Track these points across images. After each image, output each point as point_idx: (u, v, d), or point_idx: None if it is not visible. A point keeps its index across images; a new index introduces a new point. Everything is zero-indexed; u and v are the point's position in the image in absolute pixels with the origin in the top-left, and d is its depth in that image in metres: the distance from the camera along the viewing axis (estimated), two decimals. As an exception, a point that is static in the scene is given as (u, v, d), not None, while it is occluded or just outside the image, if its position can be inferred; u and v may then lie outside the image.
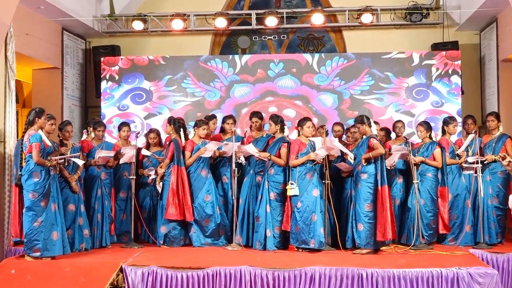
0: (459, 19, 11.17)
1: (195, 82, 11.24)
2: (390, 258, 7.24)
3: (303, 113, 10.56)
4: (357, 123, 7.77)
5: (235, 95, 11.18)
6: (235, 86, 11.19)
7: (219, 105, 11.15)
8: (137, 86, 11.35)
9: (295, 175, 7.70)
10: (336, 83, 11.04)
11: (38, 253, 6.93)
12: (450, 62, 10.80)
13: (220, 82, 11.20)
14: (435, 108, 10.82)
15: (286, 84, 11.14)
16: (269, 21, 11.43)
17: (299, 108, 11.06)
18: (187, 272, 6.53)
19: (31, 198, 6.90)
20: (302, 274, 6.44)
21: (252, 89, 11.16)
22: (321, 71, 11.07)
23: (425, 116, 10.69)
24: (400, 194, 8.45)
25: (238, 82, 11.21)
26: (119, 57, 11.38)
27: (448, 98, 10.77)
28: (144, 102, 11.33)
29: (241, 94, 11.18)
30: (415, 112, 10.89)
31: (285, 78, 11.15)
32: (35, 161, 6.94)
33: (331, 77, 11.03)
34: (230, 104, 11.17)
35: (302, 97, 11.10)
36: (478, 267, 6.41)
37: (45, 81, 11.16)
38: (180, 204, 8.10)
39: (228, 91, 11.19)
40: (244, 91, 11.18)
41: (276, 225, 7.90)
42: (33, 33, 9.98)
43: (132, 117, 11.28)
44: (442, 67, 10.82)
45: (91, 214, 8.10)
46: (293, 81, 11.12)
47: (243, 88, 11.19)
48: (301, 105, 11.08)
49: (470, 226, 8.25)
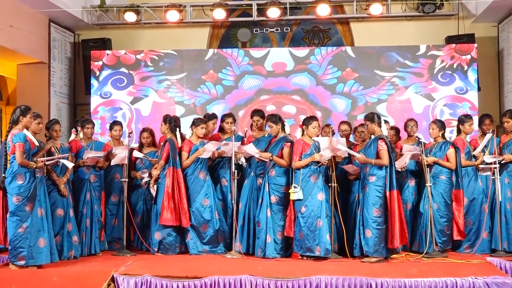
0: (475, 10, 11.17)
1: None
2: (401, 266, 7.22)
3: (302, 107, 10.73)
4: (366, 120, 7.76)
5: (243, 87, 11.31)
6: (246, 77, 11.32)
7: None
8: (116, 71, 11.42)
9: (298, 177, 7.68)
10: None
11: (23, 262, 6.91)
12: (458, 56, 10.80)
13: (232, 71, 11.31)
14: (458, 95, 10.84)
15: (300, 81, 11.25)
16: (271, 12, 11.43)
17: (297, 103, 11.18)
18: (183, 281, 6.51)
19: (15, 202, 6.89)
20: (307, 283, 6.42)
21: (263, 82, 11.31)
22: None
23: (445, 102, 10.74)
24: (412, 198, 8.44)
25: (250, 73, 11.33)
26: (105, 51, 11.39)
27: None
28: (127, 87, 11.41)
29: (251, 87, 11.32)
30: (435, 96, 10.91)
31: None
32: (19, 163, 6.92)
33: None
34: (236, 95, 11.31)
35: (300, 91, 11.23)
36: (495, 276, 6.39)
37: (31, 77, 11.17)
38: (176, 208, 8.09)
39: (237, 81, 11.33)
40: (255, 83, 11.33)
41: (278, 231, 7.89)
42: (18, 25, 9.99)
43: (118, 104, 11.36)
44: (447, 60, 10.83)
45: (79, 220, 8.09)
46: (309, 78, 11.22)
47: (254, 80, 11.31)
48: (300, 99, 11.15)
49: (487, 233, 8.24)
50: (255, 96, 11.24)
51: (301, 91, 11.18)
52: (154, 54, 11.38)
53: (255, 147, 8.14)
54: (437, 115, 10.76)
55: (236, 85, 11.26)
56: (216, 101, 11.28)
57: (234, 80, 11.28)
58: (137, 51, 11.47)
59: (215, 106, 11.21)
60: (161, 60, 11.34)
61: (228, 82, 11.29)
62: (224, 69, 11.27)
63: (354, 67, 11.11)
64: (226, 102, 11.25)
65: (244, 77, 11.26)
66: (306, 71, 11.18)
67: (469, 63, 10.83)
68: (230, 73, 11.28)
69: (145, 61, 11.35)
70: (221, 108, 11.13)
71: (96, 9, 11.77)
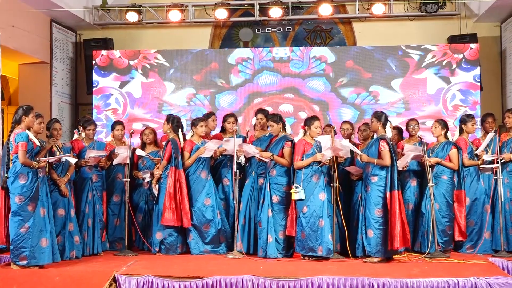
0: (478, 10, 11.16)
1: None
2: (403, 267, 7.23)
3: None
4: (374, 116, 7.75)
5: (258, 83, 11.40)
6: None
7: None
8: (106, 72, 11.50)
9: (300, 177, 7.69)
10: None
11: (25, 261, 6.91)
12: (450, 53, 10.83)
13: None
14: (475, 83, 10.88)
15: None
16: (273, 12, 11.43)
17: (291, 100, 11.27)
18: (184, 282, 6.51)
19: (18, 202, 6.90)
20: (309, 284, 6.42)
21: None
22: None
23: (459, 87, 10.80)
24: (414, 198, 8.44)
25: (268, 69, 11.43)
26: (100, 52, 11.41)
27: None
28: (110, 73, 11.50)
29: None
30: (453, 80, 10.94)
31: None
32: (21, 162, 6.93)
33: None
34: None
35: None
36: (498, 276, 6.38)
37: (33, 77, 11.19)
38: (177, 209, 8.10)
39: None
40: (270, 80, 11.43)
41: (279, 230, 7.90)
42: (19, 25, 10.00)
43: (107, 90, 11.44)
44: (438, 56, 10.84)
45: (81, 219, 8.10)
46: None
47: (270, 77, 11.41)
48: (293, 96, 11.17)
49: (489, 233, 8.24)
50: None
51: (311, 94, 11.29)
52: (148, 61, 11.39)
53: (257, 147, 8.15)
54: (448, 99, 10.78)
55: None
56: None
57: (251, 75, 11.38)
58: (135, 53, 11.47)
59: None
60: (153, 69, 11.41)
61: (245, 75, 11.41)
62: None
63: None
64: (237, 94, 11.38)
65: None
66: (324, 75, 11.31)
67: (459, 63, 10.84)
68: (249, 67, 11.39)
69: (136, 68, 11.37)
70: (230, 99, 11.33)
71: (98, 9, 11.78)
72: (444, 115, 10.65)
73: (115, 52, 11.46)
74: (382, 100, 11.10)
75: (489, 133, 8.34)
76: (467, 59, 10.81)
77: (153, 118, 11.38)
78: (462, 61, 10.83)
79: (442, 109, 10.87)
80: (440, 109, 10.88)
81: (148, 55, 11.42)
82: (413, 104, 11.02)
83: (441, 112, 10.81)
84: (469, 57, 10.81)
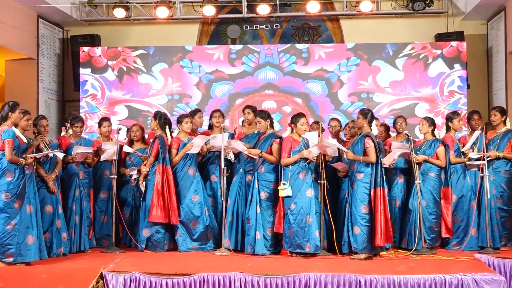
0: (464, 8, 11.22)
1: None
2: (390, 263, 7.26)
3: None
4: (360, 113, 7.77)
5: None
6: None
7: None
8: (83, 68, 11.42)
9: (287, 174, 7.70)
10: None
11: (11, 259, 6.88)
12: (429, 48, 10.91)
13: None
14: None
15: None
16: (261, 9, 11.43)
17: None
18: (172, 279, 6.52)
19: (4, 199, 6.85)
20: (296, 280, 6.45)
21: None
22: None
23: (459, 74, 10.84)
24: (401, 195, 8.48)
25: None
26: (82, 48, 11.35)
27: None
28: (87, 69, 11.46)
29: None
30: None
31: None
32: (8, 159, 6.89)
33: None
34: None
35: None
36: (484, 273, 6.43)
37: (19, 73, 11.13)
38: (165, 206, 8.09)
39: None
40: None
41: (268, 227, 7.91)
42: (6, 20, 9.94)
43: (82, 78, 11.33)
44: (416, 50, 10.93)
45: (68, 216, 8.07)
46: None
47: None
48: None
49: (475, 230, 8.29)
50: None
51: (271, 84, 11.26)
52: (126, 64, 11.29)
53: (245, 144, 8.15)
54: (446, 83, 10.85)
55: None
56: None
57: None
58: (116, 54, 11.33)
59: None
60: (129, 73, 11.31)
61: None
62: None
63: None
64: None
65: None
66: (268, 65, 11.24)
67: (435, 58, 10.88)
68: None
69: (113, 69, 11.28)
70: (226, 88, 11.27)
71: (85, 5, 11.72)
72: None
73: (97, 49, 11.35)
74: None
75: (476, 131, 8.39)
76: (445, 56, 10.86)
77: (134, 98, 11.28)
78: (439, 56, 10.88)
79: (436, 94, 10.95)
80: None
81: (128, 58, 11.31)
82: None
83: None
84: (448, 55, 10.87)
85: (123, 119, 11.11)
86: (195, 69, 11.20)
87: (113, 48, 11.41)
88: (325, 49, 11.14)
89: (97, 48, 11.37)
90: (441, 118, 10.36)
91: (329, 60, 11.08)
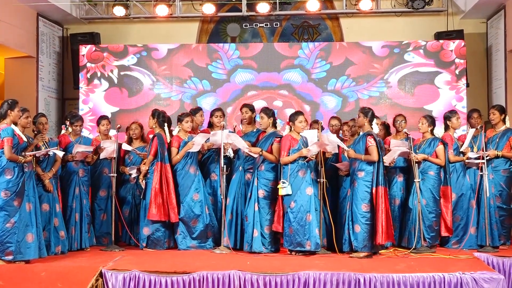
0: (464, 6, 11.21)
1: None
2: (390, 262, 7.25)
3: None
4: (361, 111, 7.77)
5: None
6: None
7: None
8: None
9: (286, 173, 7.70)
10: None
11: (10, 257, 6.88)
12: (414, 41, 10.94)
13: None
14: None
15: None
16: (261, 7, 11.41)
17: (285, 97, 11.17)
18: (171, 277, 6.52)
19: (3, 197, 6.85)
20: (295, 279, 6.45)
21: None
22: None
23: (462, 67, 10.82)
24: (401, 194, 8.48)
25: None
26: (82, 46, 11.32)
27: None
28: None
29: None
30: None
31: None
32: (7, 157, 6.89)
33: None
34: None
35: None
36: (483, 271, 6.44)
37: (19, 71, 11.11)
38: (164, 204, 8.10)
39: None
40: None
41: (265, 225, 7.90)
42: (6, 19, 9.92)
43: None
44: (406, 45, 10.95)
45: (68, 214, 8.09)
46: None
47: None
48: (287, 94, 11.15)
49: (475, 228, 8.29)
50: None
51: (290, 86, 11.17)
52: (102, 70, 11.21)
53: (246, 141, 8.15)
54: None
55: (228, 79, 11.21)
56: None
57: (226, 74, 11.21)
58: (99, 57, 11.22)
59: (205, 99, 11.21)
60: (99, 79, 11.24)
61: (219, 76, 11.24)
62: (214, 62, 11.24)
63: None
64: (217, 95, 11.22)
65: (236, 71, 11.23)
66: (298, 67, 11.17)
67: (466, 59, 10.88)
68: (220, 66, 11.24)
69: (88, 71, 11.22)
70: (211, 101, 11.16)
71: (84, 3, 11.70)
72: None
73: (84, 49, 11.24)
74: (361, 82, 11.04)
75: (470, 130, 8.41)
76: (428, 50, 10.88)
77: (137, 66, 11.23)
78: (422, 47, 10.88)
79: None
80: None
81: (107, 66, 11.23)
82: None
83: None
84: (431, 49, 10.88)
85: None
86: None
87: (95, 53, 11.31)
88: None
89: (85, 47, 11.26)
90: (456, 94, 10.50)
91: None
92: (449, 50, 10.77)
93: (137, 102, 11.18)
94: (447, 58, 10.78)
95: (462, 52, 10.73)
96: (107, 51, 11.20)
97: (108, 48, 11.25)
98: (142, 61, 11.20)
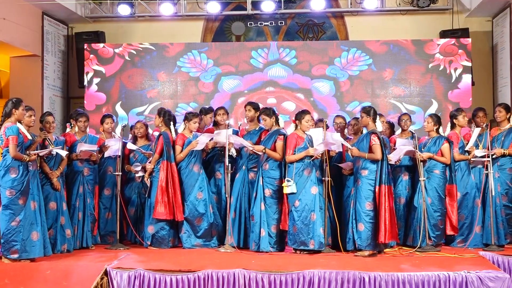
0: (469, 5, 11.19)
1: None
2: (394, 261, 7.24)
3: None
4: (363, 111, 7.76)
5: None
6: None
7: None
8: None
9: (291, 171, 7.68)
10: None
11: (16, 255, 6.91)
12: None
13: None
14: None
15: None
16: (266, 6, 11.41)
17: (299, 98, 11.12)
18: (176, 275, 6.52)
19: (8, 196, 6.88)
20: (300, 277, 6.44)
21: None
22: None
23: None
24: (406, 192, 8.46)
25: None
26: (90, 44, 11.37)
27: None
28: None
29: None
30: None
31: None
32: (12, 156, 6.90)
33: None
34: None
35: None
36: (488, 270, 6.42)
37: (24, 70, 11.15)
38: (169, 202, 8.09)
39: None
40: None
41: (272, 224, 7.89)
42: (11, 17, 9.95)
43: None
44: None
45: (71, 213, 8.07)
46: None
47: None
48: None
49: (480, 227, 8.26)
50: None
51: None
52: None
53: (248, 141, 8.14)
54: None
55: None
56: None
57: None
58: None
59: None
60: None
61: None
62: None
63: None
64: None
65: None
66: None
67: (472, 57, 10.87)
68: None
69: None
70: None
71: (89, 2, 11.73)
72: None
73: (90, 47, 11.34)
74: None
75: (475, 129, 8.38)
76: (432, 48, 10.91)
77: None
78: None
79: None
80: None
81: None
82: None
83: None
84: (435, 47, 10.89)
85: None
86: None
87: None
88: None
89: (98, 44, 11.38)
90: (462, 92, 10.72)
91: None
92: (454, 48, 10.75)
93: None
94: (451, 56, 10.76)
95: (467, 50, 10.70)
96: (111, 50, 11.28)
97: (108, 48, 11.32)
98: (146, 61, 11.24)
